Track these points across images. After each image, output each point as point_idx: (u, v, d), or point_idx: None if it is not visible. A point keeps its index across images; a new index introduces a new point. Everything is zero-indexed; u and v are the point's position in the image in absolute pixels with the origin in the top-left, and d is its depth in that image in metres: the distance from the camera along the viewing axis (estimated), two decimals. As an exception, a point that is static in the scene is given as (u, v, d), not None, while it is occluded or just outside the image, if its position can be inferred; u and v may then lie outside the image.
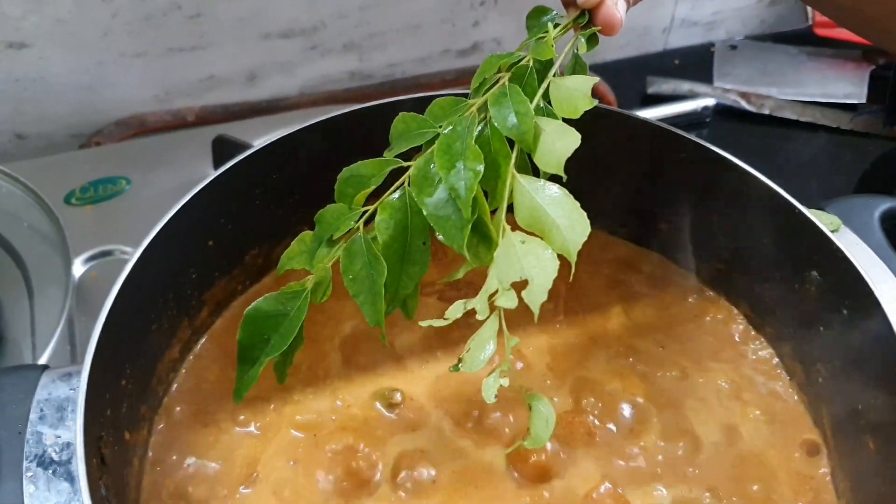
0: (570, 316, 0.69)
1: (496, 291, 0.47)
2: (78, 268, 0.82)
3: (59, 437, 0.48)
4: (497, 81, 0.52)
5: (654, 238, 0.73)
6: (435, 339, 0.65)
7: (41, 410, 0.48)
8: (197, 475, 0.57)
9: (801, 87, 1.11)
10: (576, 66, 0.55)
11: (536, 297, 0.46)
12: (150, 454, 0.58)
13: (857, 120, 1.06)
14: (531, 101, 0.50)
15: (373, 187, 0.53)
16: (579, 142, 0.48)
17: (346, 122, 0.64)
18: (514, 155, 0.50)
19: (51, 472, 0.46)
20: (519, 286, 0.47)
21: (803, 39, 1.17)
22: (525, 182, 0.49)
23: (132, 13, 0.91)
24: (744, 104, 1.08)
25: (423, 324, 0.49)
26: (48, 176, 0.88)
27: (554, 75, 0.52)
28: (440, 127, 0.52)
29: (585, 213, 0.47)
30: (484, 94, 0.52)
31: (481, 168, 0.48)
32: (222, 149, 0.85)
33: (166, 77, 0.99)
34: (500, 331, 0.48)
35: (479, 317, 0.48)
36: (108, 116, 0.99)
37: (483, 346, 0.48)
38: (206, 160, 0.89)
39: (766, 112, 1.08)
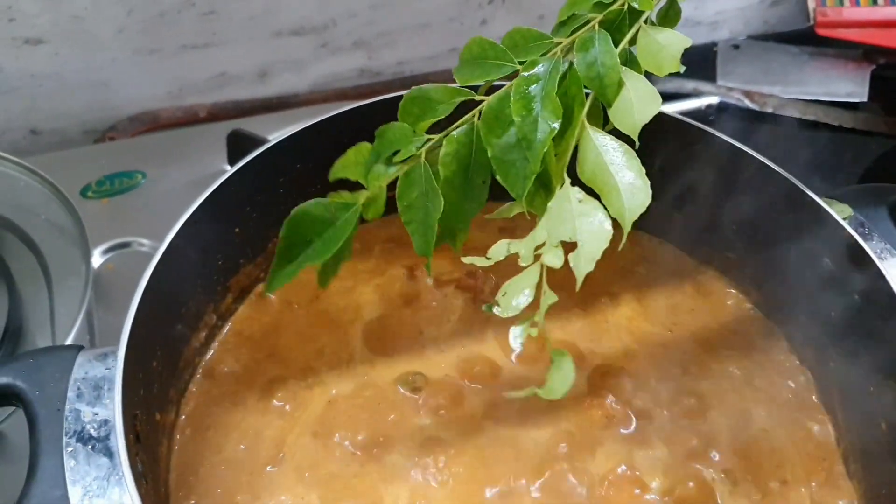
0: (584, 303, 0.70)
1: (543, 244, 0.46)
2: (96, 259, 0.83)
3: (97, 414, 0.49)
4: (587, 22, 0.50)
5: (667, 228, 0.74)
6: (457, 322, 0.67)
7: (78, 389, 0.49)
8: (224, 455, 0.58)
9: (803, 86, 1.12)
10: (669, 11, 0.53)
11: (583, 264, 0.45)
12: (179, 435, 0.59)
13: (860, 118, 1.08)
14: (618, 47, 0.48)
15: (441, 116, 0.51)
16: (659, 108, 0.47)
17: (371, 112, 0.65)
18: (588, 103, 0.48)
19: (90, 447, 0.47)
20: (567, 247, 0.46)
21: (805, 39, 1.18)
22: (594, 136, 0.47)
23: (147, 11, 0.92)
24: (747, 102, 1.09)
25: (466, 260, 0.48)
26: (63, 170, 0.88)
27: (645, 21, 0.50)
28: (521, 64, 0.49)
29: (649, 182, 0.46)
30: (571, 34, 0.49)
31: (557, 125, 0.47)
32: (238, 143, 0.86)
33: (179, 74, 1.00)
34: (540, 283, 0.46)
35: (521, 262, 0.46)
36: (121, 112, 1.00)
37: (519, 292, 0.46)
38: (220, 155, 0.90)
39: (769, 110, 1.09)
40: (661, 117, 0.66)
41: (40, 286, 0.79)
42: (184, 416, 0.60)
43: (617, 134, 0.49)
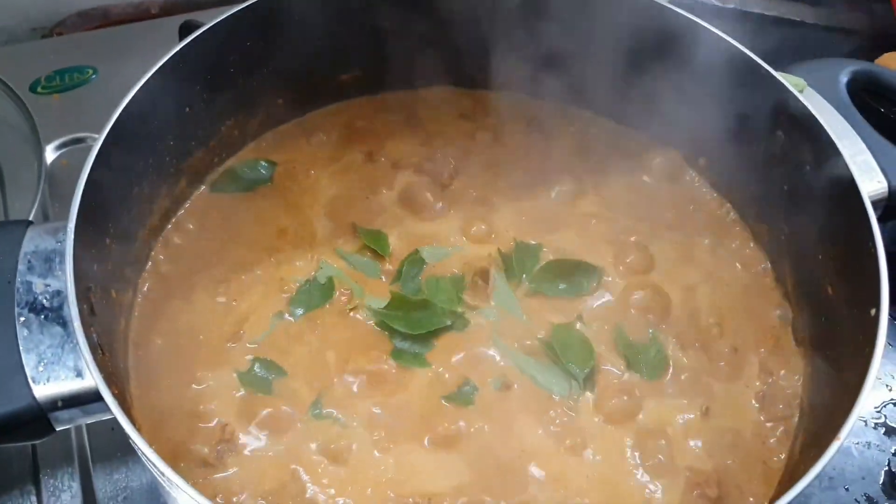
0: (538, 187, 0.70)
1: None
2: (49, 155, 0.81)
3: (49, 285, 0.48)
4: None
5: (619, 107, 0.73)
6: (417, 204, 0.67)
7: (29, 262, 0.49)
8: (185, 333, 0.59)
9: (766, -20, 1.11)
10: None
11: None
12: (137, 313, 0.59)
13: (822, 13, 1.08)
14: None
15: None
16: None
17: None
18: None
19: (43, 317, 0.47)
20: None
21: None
22: None
23: None
24: (711, -2, 1.08)
25: None
26: (10, 66, 0.86)
27: None
28: None
29: None
30: None
31: None
32: (190, 33, 0.84)
33: (129, -34, 0.96)
34: None
35: None
36: (69, 8, 0.97)
37: None
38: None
39: (732, 6, 1.08)
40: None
41: (-9, 184, 0.77)
42: (141, 296, 0.60)
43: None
